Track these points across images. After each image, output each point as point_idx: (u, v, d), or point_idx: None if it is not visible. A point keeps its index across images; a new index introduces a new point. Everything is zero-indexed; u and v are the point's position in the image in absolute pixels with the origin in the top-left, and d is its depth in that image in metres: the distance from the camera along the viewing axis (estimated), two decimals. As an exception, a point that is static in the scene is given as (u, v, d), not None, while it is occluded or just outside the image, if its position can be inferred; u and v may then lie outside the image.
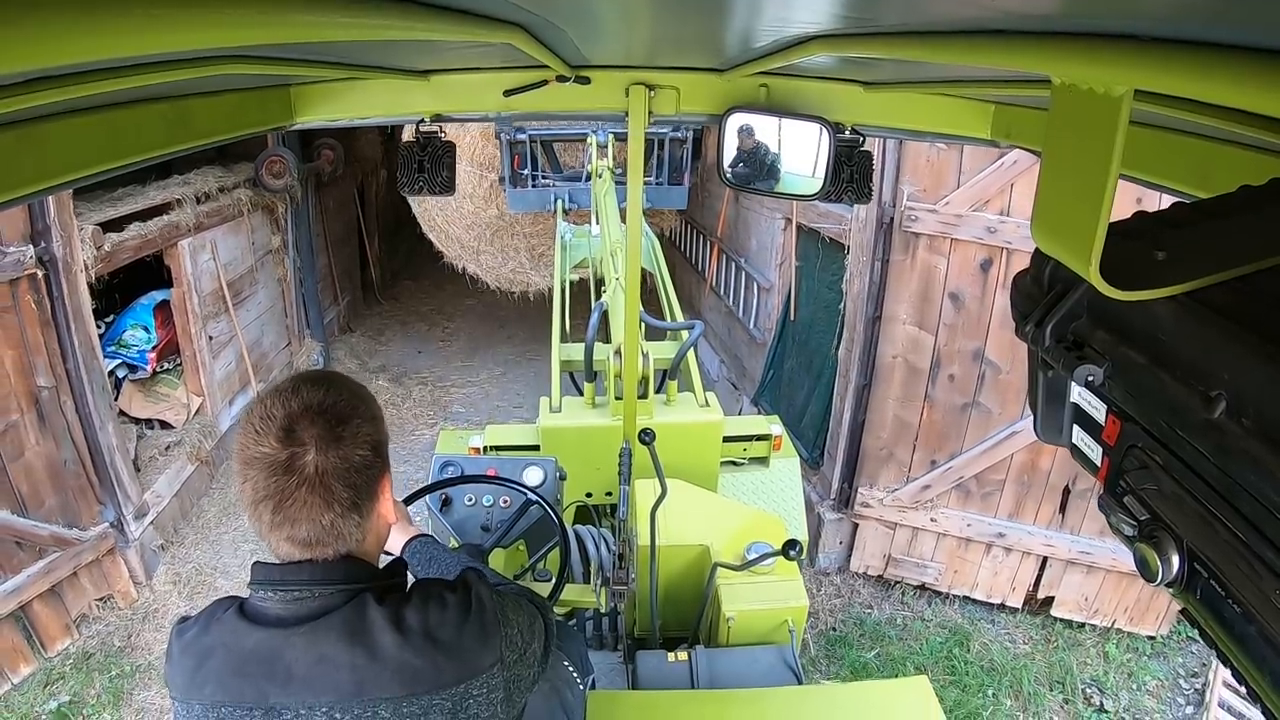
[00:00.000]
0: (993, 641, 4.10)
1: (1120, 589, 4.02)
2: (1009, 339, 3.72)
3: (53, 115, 0.84)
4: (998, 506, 3.96)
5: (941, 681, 3.84)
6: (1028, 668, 3.97)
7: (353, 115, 1.57)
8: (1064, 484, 3.87)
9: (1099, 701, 3.87)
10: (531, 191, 5.24)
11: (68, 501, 3.57)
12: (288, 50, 0.87)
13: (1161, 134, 0.88)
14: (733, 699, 1.79)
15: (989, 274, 3.63)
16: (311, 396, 0.87)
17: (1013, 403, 3.77)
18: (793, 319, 4.82)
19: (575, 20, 0.93)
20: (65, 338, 3.35)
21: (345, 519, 0.87)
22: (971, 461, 3.86)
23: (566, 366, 3.10)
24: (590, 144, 4.81)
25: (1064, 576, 4.06)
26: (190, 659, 0.89)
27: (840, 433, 4.09)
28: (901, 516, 4.05)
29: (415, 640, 0.88)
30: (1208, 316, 0.52)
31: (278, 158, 4.95)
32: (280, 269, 5.43)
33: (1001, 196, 3.54)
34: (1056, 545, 3.95)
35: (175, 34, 0.41)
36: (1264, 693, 0.50)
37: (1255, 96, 0.41)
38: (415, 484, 4.88)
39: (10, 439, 3.29)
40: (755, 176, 1.68)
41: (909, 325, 3.80)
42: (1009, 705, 3.83)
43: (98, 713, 3.47)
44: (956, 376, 3.80)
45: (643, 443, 1.94)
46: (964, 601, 4.23)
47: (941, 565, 4.15)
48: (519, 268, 6.03)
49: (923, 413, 3.89)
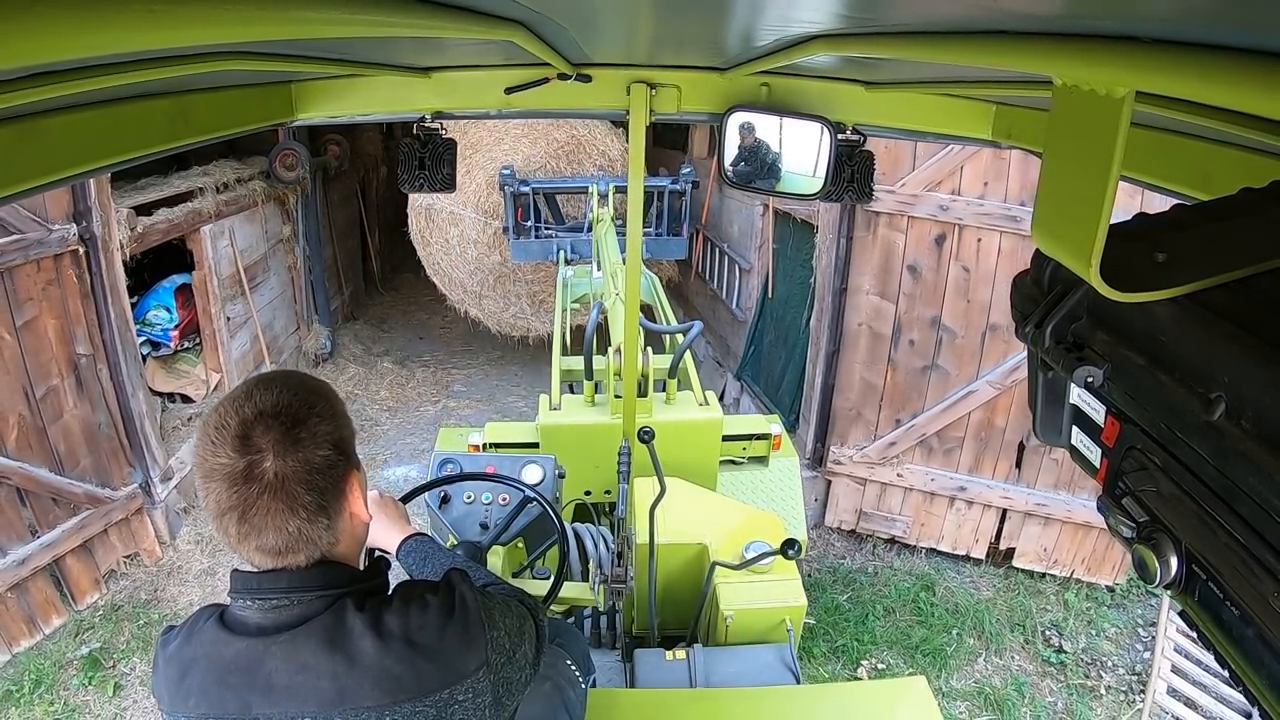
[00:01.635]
0: (957, 588, 4.42)
1: (1077, 540, 4.33)
2: (963, 306, 4.07)
3: (55, 110, 0.85)
4: (958, 462, 4.30)
5: (908, 622, 4.16)
6: (990, 611, 4.29)
7: (354, 112, 1.57)
8: (1019, 440, 4.21)
9: (1058, 643, 4.15)
10: (534, 242, 5.37)
11: (100, 462, 3.87)
12: (289, 47, 0.88)
13: (1162, 136, 0.88)
14: (730, 698, 1.77)
15: (943, 248, 3.99)
16: (264, 400, 0.84)
17: (968, 364, 4.13)
18: (770, 297, 5.17)
19: (577, 18, 0.93)
20: (102, 310, 3.67)
21: (312, 523, 0.85)
22: (932, 419, 4.21)
23: (567, 377, 3.14)
24: (592, 193, 5.03)
25: (1023, 528, 4.38)
26: (174, 670, 0.88)
27: (812, 396, 4.43)
28: (870, 473, 4.39)
29: (395, 646, 0.86)
30: (1208, 319, 0.52)
31: (290, 151, 5.30)
32: (290, 257, 5.76)
33: (952, 178, 3.90)
34: (1014, 498, 4.28)
35: (177, 30, 0.42)
36: (1261, 694, 0.49)
37: (1256, 99, 0.41)
38: (421, 452, 5.24)
39: (51, 401, 3.59)
40: (756, 175, 1.67)
41: (872, 296, 4.15)
42: (972, 644, 4.14)
43: (127, 657, 3.76)
44: (916, 341, 4.15)
45: (642, 441, 1.92)
46: (931, 553, 4.56)
47: (909, 519, 4.48)
48: (520, 313, 6.15)
49: (887, 375, 4.23)
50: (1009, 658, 4.12)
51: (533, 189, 5.31)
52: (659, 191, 5.32)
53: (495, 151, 5.78)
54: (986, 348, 4.08)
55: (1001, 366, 4.07)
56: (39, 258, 3.39)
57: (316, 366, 6.19)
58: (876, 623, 4.10)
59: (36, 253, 3.37)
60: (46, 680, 3.58)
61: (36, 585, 3.70)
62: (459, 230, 5.98)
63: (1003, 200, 3.86)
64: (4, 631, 3.59)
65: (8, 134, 0.78)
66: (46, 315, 3.49)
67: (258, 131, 1.42)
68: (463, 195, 5.84)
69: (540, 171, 5.83)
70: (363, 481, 0.93)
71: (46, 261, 3.43)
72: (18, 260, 3.30)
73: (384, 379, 6.17)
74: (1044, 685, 4.00)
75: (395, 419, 5.77)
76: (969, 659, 4.06)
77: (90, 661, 3.70)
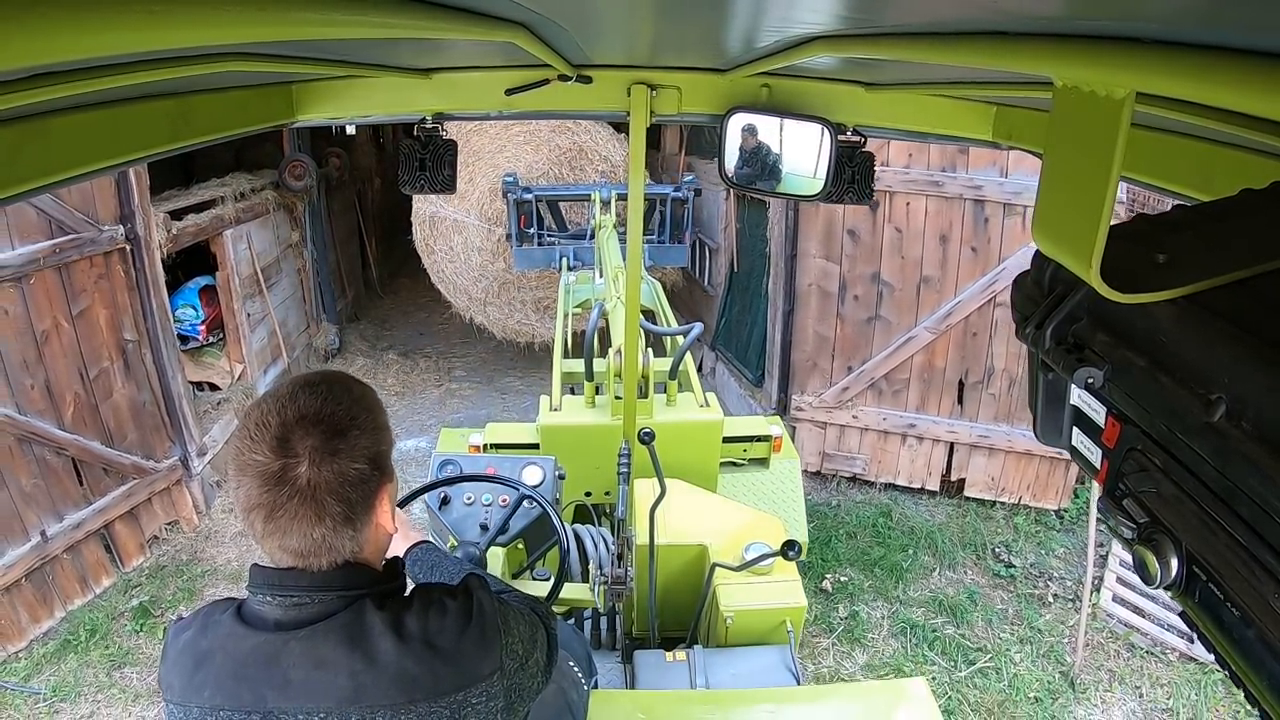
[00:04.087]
0: (914, 515, 4.91)
1: (1021, 468, 4.80)
2: (898, 263, 4.64)
3: (56, 111, 0.84)
4: (906, 401, 4.84)
5: (868, 543, 4.66)
6: (943, 533, 4.75)
7: (354, 113, 1.57)
8: (958, 378, 4.76)
9: (1007, 559, 4.57)
10: (537, 250, 5.46)
11: (145, 437, 4.37)
12: (290, 48, 0.88)
13: (1163, 136, 0.87)
14: (731, 699, 1.78)
15: (877, 213, 4.57)
16: (309, 404, 0.84)
17: (907, 314, 4.69)
18: (736, 270, 5.74)
19: (577, 19, 0.93)
20: (145, 300, 4.19)
21: (338, 533, 0.86)
22: (879, 365, 4.76)
23: (568, 379, 3.17)
24: (594, 200, 5.12)
25: (970, 459, 4.89)
26: (188, 660, 0.89)
27: (774, 352, 4.98)
28: (829, 416, 4.92)
29: (414, 647, 0.87)
30: (1208, 320, 0.52)
31: (298, 161, 5.87)
32: (299, 260, 6.31)
33: (881, 151, 4.49)
34: (959, 431, 4.81)
35: (177, 31, 0.42)
36: (1262, 696, 0.50)
37: (1256, 99, 0.41)
38: (428, 427, 5.76)
39: (102, 382, 4.10)
40: (757, 176, 1.67)
41: (819, 259, 4.72)
42: (927, 560, 4.61)
43: (174, 605, 4.21)
44: (860, 296, 4.72)
45: (642, 443, 1.92)
46: (889, 487, 5.06)
47: (867, 456, 5.01)
48: (525, 320, 6.18)
49: (836, 328, 4.79)
50: (962, 572, 4.58)
51: (535, 196, 5.39)
52: (661, 199, 5.41)
53: (498, 159, 5.86)
54: (921, 298, 4.65)
55: (936, 313, 4.63)
56: (91, 254, 3.92)
57: (327, 361, 6.71)
58: (840, 545, 4.60)
59: (90, 250, 3.90)
60: (101, 630, 4.01)
61: (89, 548, 4.16)
62: (463, 238, 6.06)
63: (926, 168, 4.45)
64: (60, 590, 4.04)
65: (10, 134, 0.78)
66: (98, 305, 4.02)
67: (258, 133, 1.43)
68: (466, 203, 5.93)
69: (543, 178, 5.88)
70: (393, 493, 0.94)
71: (98, 258, 3.96)
72: (74, 256, 3.83)
73: (390, 369, 6.70)
74: (995, 595, 4.44)
75: (404, 401, 6.31)
76: (924, 574, 4.53)
77: (140, 611, 4.15)
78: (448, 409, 6.26)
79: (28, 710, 3.61)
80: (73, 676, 3.77)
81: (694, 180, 5.56)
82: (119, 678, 3.83)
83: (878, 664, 3.94)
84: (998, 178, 4.31)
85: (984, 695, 3.82)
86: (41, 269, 3.69)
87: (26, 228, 3.61)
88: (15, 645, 3.81)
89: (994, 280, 4.47)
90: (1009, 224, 4.39)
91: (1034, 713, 3.68)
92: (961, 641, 4.10)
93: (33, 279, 3.66)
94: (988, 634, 4.16)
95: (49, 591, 3.97)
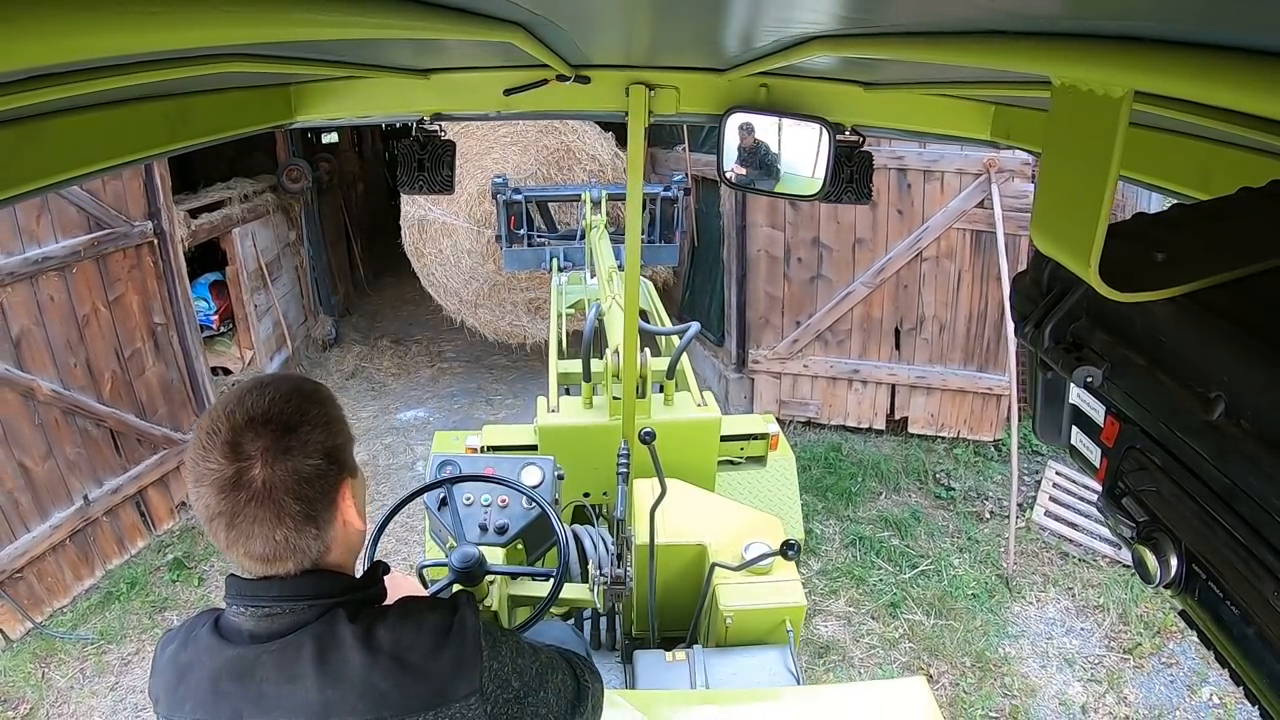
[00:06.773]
0: (862, 450, 5.50)
1: (957, 404, 5.38)
2: (835, 227, 5.30)
3: (54, 112, 0.84)
4: (849, 349, 5.48)
5: (821, 473, 5.26)
6: (889, 462, 5.28)
7: (352, 114, 1.57)
8: (894, 327, 5.41)
9: (947, 483, 5.13)
10: (527, 251, 5.38)
11: (173, 411, 4.87)
12: (288, 49, 0.88)
13: (1161, 135, 0.88)
14: (730, 699, 1.77)
15: (814, 183, 5.24)
16: (256, 406, 0.83)
17: (844, 271, 5.34)
18: (697, 245, 6.39)
19: (576, 20, 0.93)
20: (171, 288, 4.71)
21: (300, 533, 0.85)
22: (823, 317, 5.41)
23: (564, 380, 3.18)
24: (585, 200, 5.04)
25: (911, 399, 5.47)
26: (171, 673, 0.89)
27: (731, 314, 5.62)
28: (783, 366, 5.56)
29: (383, 661, 0.86)
30: (1207, 318, 0.52)
31: (295, 166, 6.42)
32: (297, 258, 6.83)
33: (814, 129, 5.17)
34: (898, 374, 5.44)
35: (175, 32, 0.42)
36: (1261, 694, 0.50)
37: (1255, 98, 0.41)
38: (424, 400, 6.29)
39: (135, 361, 4.61)
40: (755, 177, 1.67)
41: (765, 227, 5.37)
42: (874, 486, 5.18)
43: (206, 558, 4.66)
44: (803, 259, 5.37)
45: (643, 443, 1.91)
46: (839, 429, 5.66)
47: (819, 401, 5.64)
48: (516, 321, 6.20)
49: (784, 288, 5.44)
50: (906, 495, 5.13)
51: (525, 197, 5.36)
52: (651, 198, 5.35)
53: (485, 160, 5.85)
54: (857, 257, 5.31)
55: (870, 270, 5.28)
56: (125, 247, 4.44)
57: (325, 350, 7.23)
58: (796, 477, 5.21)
59: (123, 243, 4.42)
60: (140, 582, 4.44)
61: (125, 511, 4.61)
62: (452, 241, 6.05)
63: (853, 143, 5.12)
64: (100, 550, 4.48)
65: (8, 136, 0.78)
66: (131, 292, 4.53)
67: (257, 133, 1.44)
68: (454, 205, 5.95)
69: (531, 179, 5.88)
70: (358, 488, 0.93)
71: (130, 250, 4.48)
72: (110, 249, 4.35)
73: (385, 354, 7.23)
74: (936, 514, 4.99)
75: (399, 380, 6.84)
76: (871, 497, 5.11)
77: (176, 564, 4.60)
78: (440, 385, 6.79)
79: (78, 654, 4.01)
80: (118, 622, 4.17)
81: (684, 179, 5.59)
82: (161, 620, 4.28)
83: (830, 569, 4.53)
84: (917, 149, 4.97)
85: (926, 592, 4.38)
86: (82, 260, 4.19)
87: (68, 223, 4.12)
88: (60, 600, 4.23)
89: (918, 238, 5.14)
90: (929, 189, 5.06)
91: (972, 606, 4.20)
92: (906, 550, 4.64)
93: (74, 269, 4.17)
94: (930, 544, 4.69)
95: (90, 551, 4.41)
